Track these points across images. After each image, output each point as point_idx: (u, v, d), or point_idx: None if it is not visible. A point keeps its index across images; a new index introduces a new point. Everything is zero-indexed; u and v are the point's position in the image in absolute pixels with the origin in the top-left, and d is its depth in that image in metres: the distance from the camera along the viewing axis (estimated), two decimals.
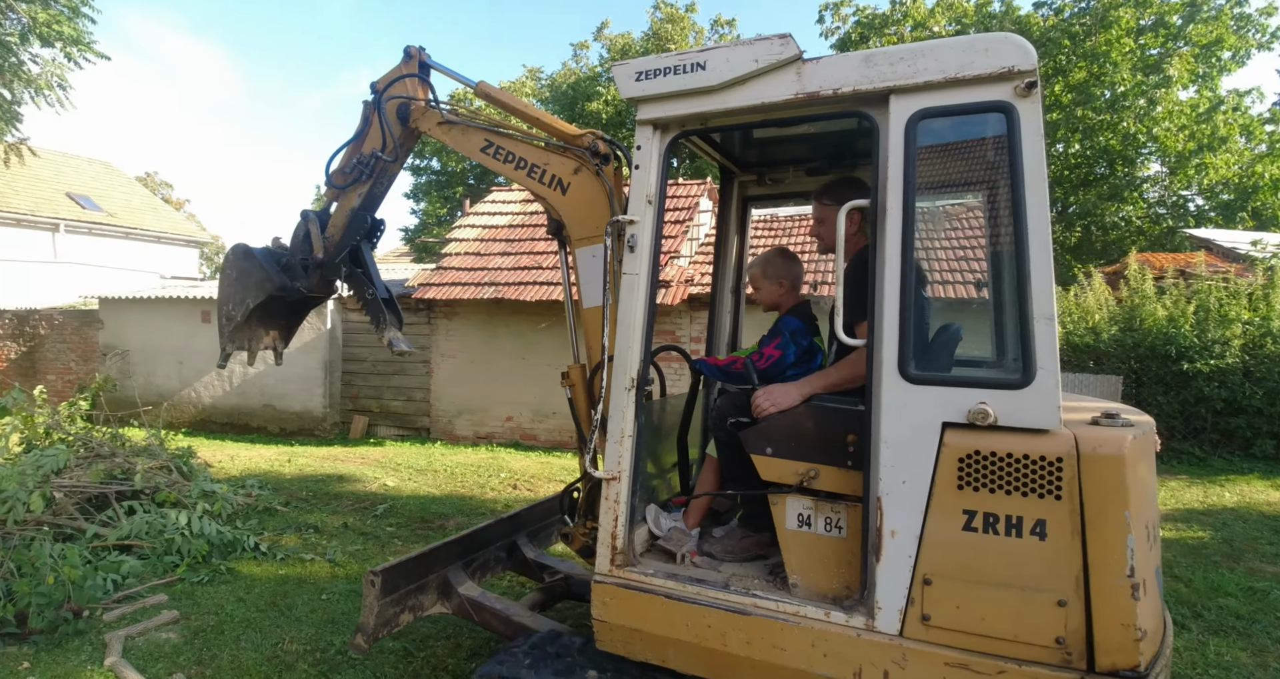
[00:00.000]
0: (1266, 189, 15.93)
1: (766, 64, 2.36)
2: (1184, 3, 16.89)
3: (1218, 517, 6.20)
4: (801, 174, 3.49)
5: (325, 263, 3.69)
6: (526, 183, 3.19)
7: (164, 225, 22.20)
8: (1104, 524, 2.01)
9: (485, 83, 3.39)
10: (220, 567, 5.04)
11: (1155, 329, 8.52)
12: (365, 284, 3.68)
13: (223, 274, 3.93)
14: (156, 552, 5.04)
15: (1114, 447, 2.03)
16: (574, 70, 27.67)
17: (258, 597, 4.58)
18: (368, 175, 3.53)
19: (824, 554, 2.45)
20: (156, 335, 12.13)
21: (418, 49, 3.51)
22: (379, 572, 3.12)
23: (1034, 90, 2.08)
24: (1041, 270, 2.06)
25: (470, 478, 8.07)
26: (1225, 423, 8.16)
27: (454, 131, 3.35)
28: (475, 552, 3.78)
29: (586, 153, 3.01)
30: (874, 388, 2.25)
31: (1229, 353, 8.03)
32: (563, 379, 3.20)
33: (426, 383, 10.96)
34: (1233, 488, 7.13)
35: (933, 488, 2.18)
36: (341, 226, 3.65)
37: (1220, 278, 8.74)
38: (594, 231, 2.97)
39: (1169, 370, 8.32)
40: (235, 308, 3.87)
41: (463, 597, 3.47)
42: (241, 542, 5.38)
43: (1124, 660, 2.00)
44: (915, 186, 2.19)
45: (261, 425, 11.52)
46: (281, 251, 3.82)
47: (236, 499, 6.21)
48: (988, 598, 2.13)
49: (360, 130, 3.58)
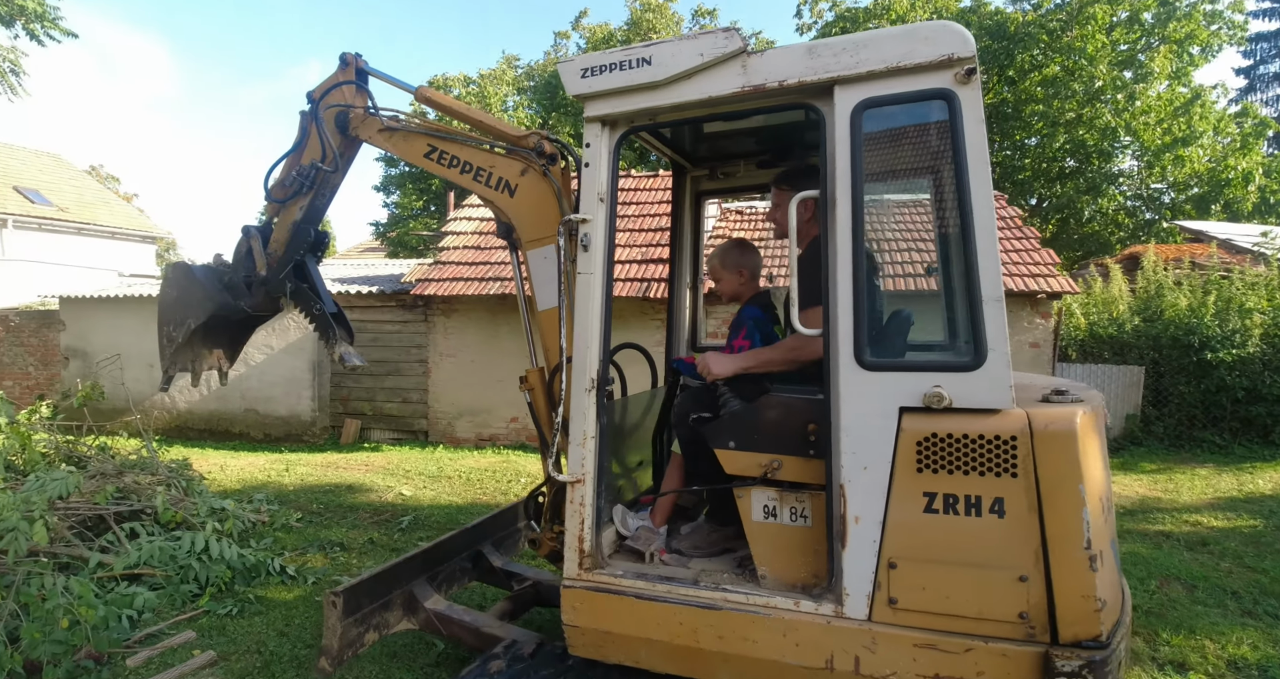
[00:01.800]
0: (1237, 182, 16.69)
1: (712, 58, 2.35)
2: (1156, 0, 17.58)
3: (1261, 504, 6.27)
4: (752, 167, 3.51)
5: (269, 280, 3.58)
6: (473, 187, 3.13)
7: (118, 220, 21.12)
8: (1059, 499, 2.07)
9: (425, 87, 3.33)
10: (247, 595, 4.61)
11: (1177, 319, 8.68)
12: (312, 300, 3.59)
13: (162, 293, 3.78)
14: (172, 581, 4.59)
15: (1065, 423, 2.09)
16: (555, 59, 27.41)
17: (300, 629, 4.18)
18: (308, 187, 3.44)
19: (790, 544, 2.46)
20: (124, 337, 11.47)
21: (354, 56, 3.43)
22: (339, 592, 3.02)
23: (973, 77, 2.11)
24: (988, 253, 2.11)
25: (489, 484, 7.79)
26: (1246, 411, 8.33)
27: (396, 138, 3.28)
28: (440, 564, 3.70)
29: (532, 153, 2.98)
30: (831, 376, 2.27)
31: (1250, 342, 8.22)
32: (521, 383, 3.17)
33: (424, 383, 10.55)
34: (1263, 475, 7.27)
35: (893, 472, 2.20)
36: (284, 241, 3.55)
37: (1238, 270, 9.01)
38: (544, 233, 2.94)
39: (1191, 360, 8.48)
40: (176, 329, 3.74)
41: (429, 611, 3.39)
42: (266, 565, 4.95)
43: (1086, 631, 2.06)
44: (863, 176, 2.21)
45: (243, 431, 11.02)
46: (224, 269, 3.70)
47: (248, 516, 5.81)
48: (951, 578, 2.16)
49: (299, 141, 3.49)
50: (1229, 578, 4.52)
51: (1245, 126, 17.39)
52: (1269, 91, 29.06)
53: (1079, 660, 2.04)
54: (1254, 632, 3.82)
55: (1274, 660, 3.52)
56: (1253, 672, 3.46)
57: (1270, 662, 3.52)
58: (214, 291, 3.59)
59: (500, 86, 24.58)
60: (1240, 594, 4.29)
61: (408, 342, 10.54)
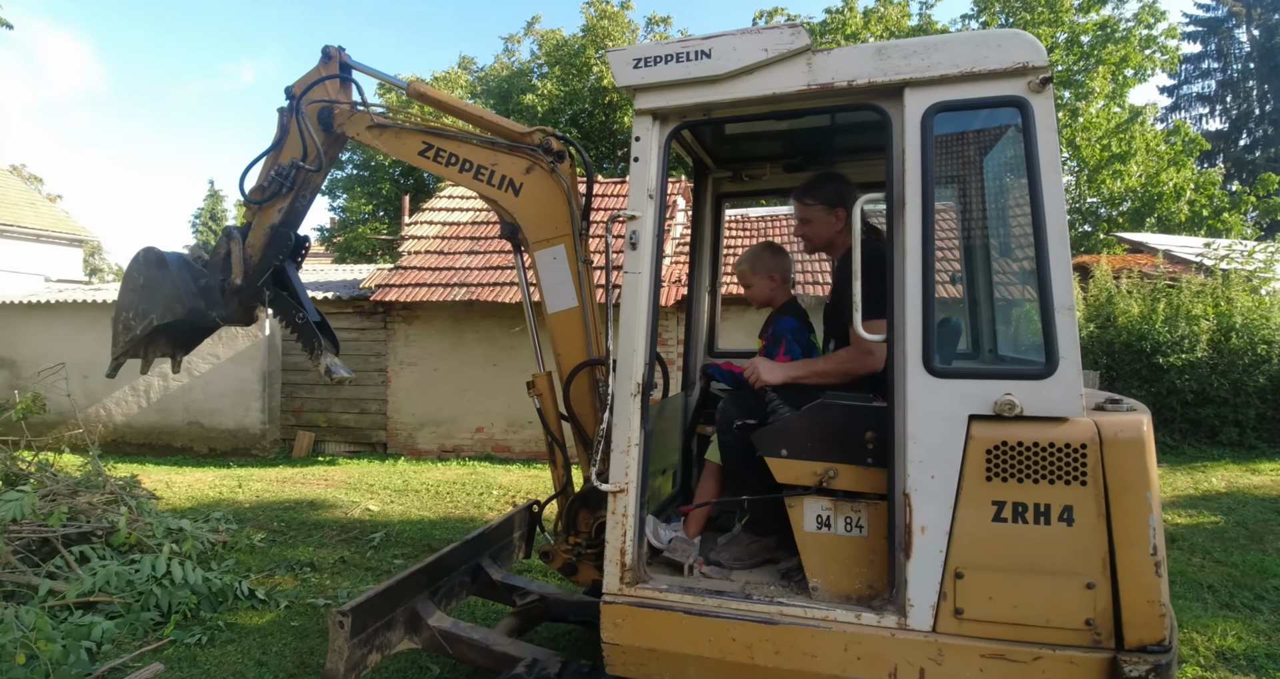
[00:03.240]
0: (1169, 197, 17.79)
1: (776, 53, 2.29)
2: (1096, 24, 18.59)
3: (1219, 502, 6.55)
4: (779, 170, 3.46)
5: (244, 288, 3.36)
6: (474, 186, 3.00)
7: (44, 222, 19.48)
8: (1128, 506, 2.08)
9: (419, 81, 3.20)
10: (216, 621, 4.23)
11: (1129, 325, 9.08)
12: (294, 308, 3.38)
13: (127, 276, 3.49)
14: (132, 608, 4.16)
15: (1134, 431, 2.10)
16: (507, 64, 26.86)
17: (280, 656, 3.86)
18: (288, 188, 3.25)
19: (845, 555, 2.41)
20: (56, 345, 10.55)
21: (337, 49, 3.26)
22: (348, 611, 2.80)
23: (1047, 86, 2.12)
24: (1060, 261, 2.11)
25: (460, 497, 7.47)
26: (1194, 413, 8.72)
27: (386, 136, 3.13)
28: (440, 579, 3.49)
29: (538, 150, 2.87)
30: (897, 383, 2.23)
31: (1198, 347, 8.64)
32: (529, 389, 3.04)
33: (383, 393, 10.06)
34: (1215, 474, 7.61)
35: (961, 481, 2.17)
36: (261, 246, 3.34)
37: (1185, 279, 9.49)
38: (553, 233, 2.85)
39: (1143, 364, 8.86)
40: (136, 319, 3.45)
41: (434, 629, 3.19)
42: (233, 589, 4.55)
43: (1150, 636, 2.07)
44: (934, 179, 2.18)
45: (186, 445, 10.28)
46: (201, 269, 3.43)
47: (206, 536, 5.35)
48: (1019, 586, 2.15)
49: (278, 139, 3.29)
50: (1202, 573, 4.75)
51: (1177, 144, 18.66)
52: (1192, 110, 31.38)
53: (1146, 665, 2.05)
54: (1236, 623, 4.02)
55: (1259, 650, 3.70)
56: (1240, 662, 3.62)
57: (1256, 651, 3.69)
58: (186, 293, 3.33)
59: (454, 89, 24.02)
60: (1216, 588, 4.50)
61: (366, 349, 10.09)
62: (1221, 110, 30.95)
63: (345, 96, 3.24)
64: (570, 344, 2.89)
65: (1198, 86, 31.30)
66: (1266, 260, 10.14)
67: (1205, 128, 29.82)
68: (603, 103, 23.14)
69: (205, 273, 3.42)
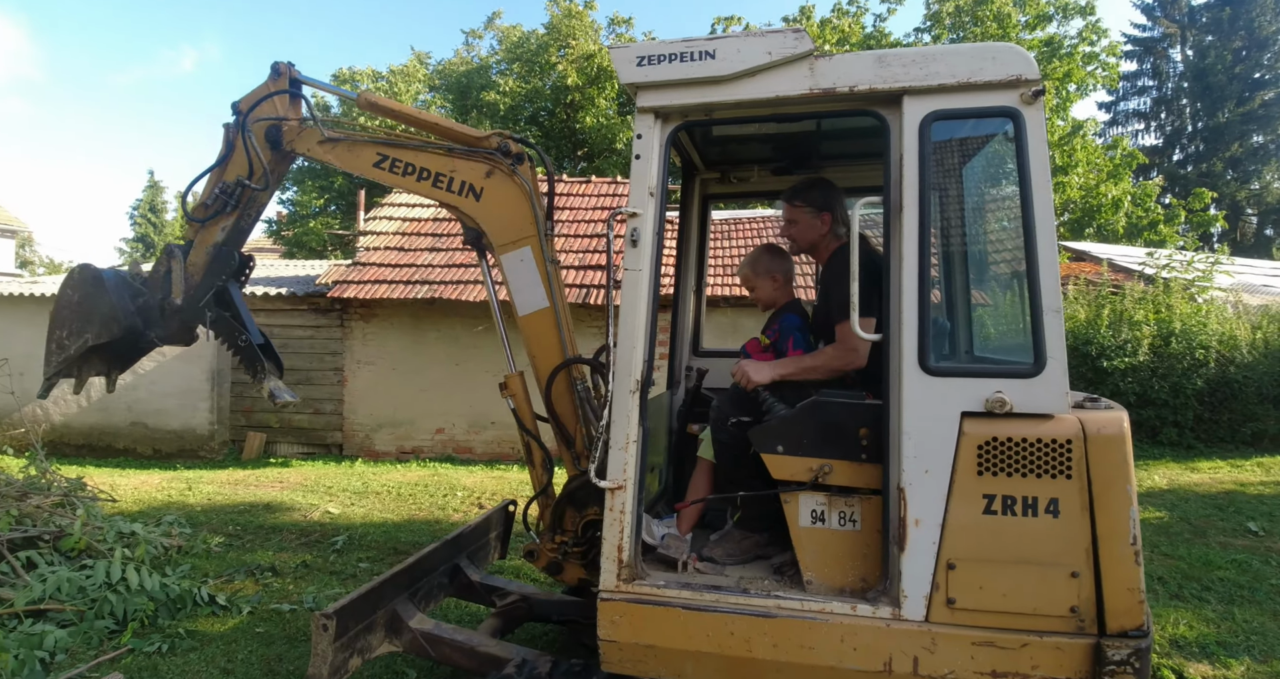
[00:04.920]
0: (1108, 208, 18.59)
1: (780, 57, 2.34)
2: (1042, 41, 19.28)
3: (1162, 498, 6.84)
4: (766, 173, 3.52)
5: (185, 308, 3.28)
6: (433, 194, 2.99)
7: None
8: (1110, 499, 2.18)
9: (369, 92, 3.23)
10: (175, 629, 4.04)
11: (1075, 330, 9.44)
12: (237, 330, 3.32)
13: (61, 294, 3.39)
14: (86, 616, 3.95)
15: (1115, 427, 2.21)
16: (466, 59, 26.41)
17: (246, 664, 3.72)
18: (233, 206, 3.19)
19: (839, 549, 2.46)
20: None
21: (287, 65, 3.23)
22: (332, 613, 2.73)
23: (1039, 98, 2.21)
24: (1048, 265, 2.20)
25: (423, 499, 7.30)
26: (1136, 414, 8.90)
27: (339, 149, 3.10)
28: (419, 581, 3.43)
29: (497, 154, 2.88)
30: (892, 381, 2.30)
31: (1140, 351, 9.05)
32: (502, 390, 3.04)
33: (339, 393, 9.77)
34: (1157, 472, 7.93)
35: (953, 475, 2.25)
36: (203, 265, 3.27)
37: (1128, 286, 9.93)
38: (518, 235, 2.86)
39: (1088, 367, 9.21)
40: (70, 339, 3.35)
41: (415, 631, 3.13)
42: (192, 594, 4.36)
43: (1131, 622, 2.18)
44: (930, 184, 2.26)
45: (129, 447, 9.83)
46: (139, 287, 3.35)
47: (160, 541, 5.11)
48: (1008, 576, 2.23)
49: (223, 155, 3.22)
50: (1151, 565, 4.98)
51: (1116, 158, 19.58)
52: (1129, 126, 32.94)
53: (1127, 649, 2.16)
54: (1186, 612, 4.23)
55: (1210, 637, 3.91)
56: (1193, 649, 3.82)
57: (1207, 639, 3.90)
58: (123, 312, 3.25)
59: (411, 84, 23.59)
60: (1166, 580, 4.74)
61: (321, 348, 9.81)
62: (1156, 126, 32.60)
63: (295, 112, 3.20)
64: (545, 345, 2.90)
65: (1134, 103, 32.92)
66: (1206, 270, 10.73)
67: (1141, 143, 31.38)
68: (564, 102, 23.05)
69: (143, 291, 3.34)
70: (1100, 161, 19.31)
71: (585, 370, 2.91)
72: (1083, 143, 18.91)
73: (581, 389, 2.87)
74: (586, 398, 2.86)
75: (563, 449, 2.94)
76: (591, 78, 22.04)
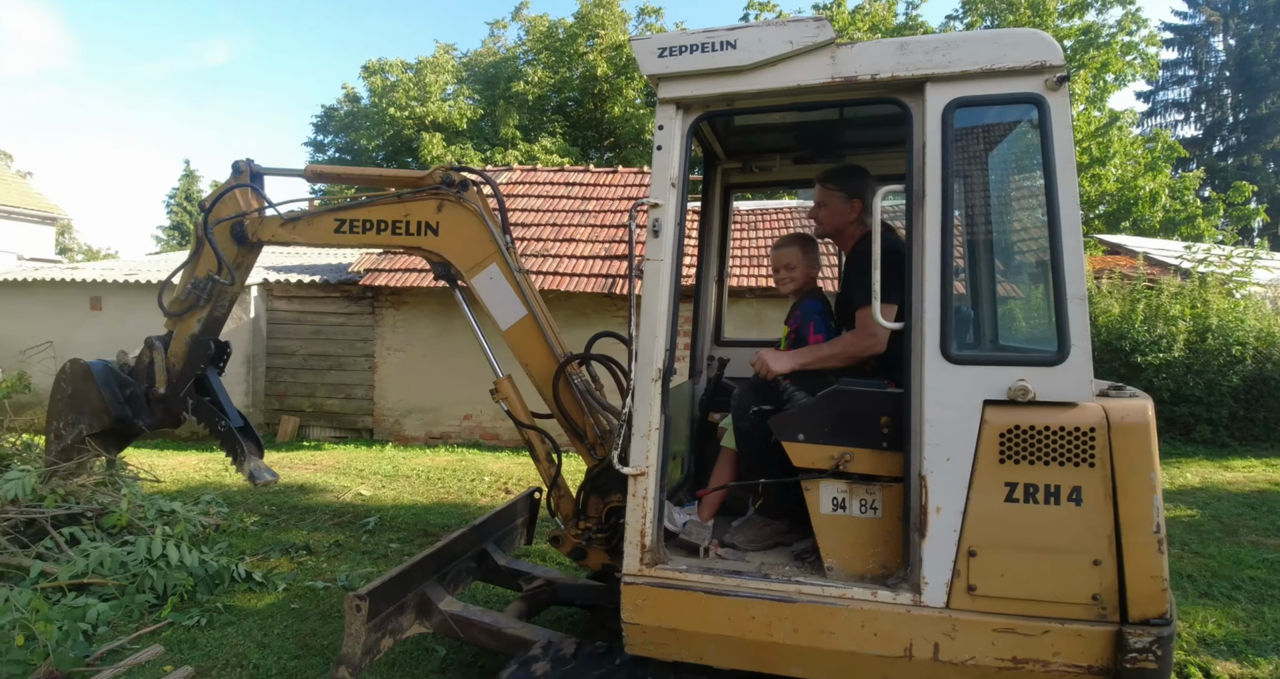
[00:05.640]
0: (1145, 201, 18.15)
1: (801, 46, 2.35)
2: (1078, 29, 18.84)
3: (1193, 496, 6.73)
4: (788, 163, 3.52)
5: (168, 397, 3.50)
6: (395, 241, 3.13)
7: (14, 199, 19.01)
8: (1133, 487, 2.17)
9: (313, 165, 3.37)
10: (213, 604, 4.20)
11: (1109, 325, 9.27)
12: (217, 416, 3.55)
13: (56, 388, 3.67)
14: (127, 590, 4.12)
15: (1139, 415, 2.20)
16: (493, 50, 26.59)
17: (281, 639, 3.86)
18: (205, 300, 3.38)
19: (859, 536, 2.48)
20: (30, 325, 10.34)
21: (246, 162, 3.41)
22: (365, 594, 2.82)
23: (1064, 84, 2.20)
24: (1073, 252, 2.19)
25: (451, 483, 7.46)
26: (1170, 411, 8.88)
27: (300, 226, 3.26)
28: (448, 564, 3.52)
29: (442, 187, 2.99)
30: (914, 369, 2.30)
31: (1175, 347, 8.84)
32: (493, 395, 3.17)
33: (369, 379, 9.99)
34: (1189, 470, 7.79)
35: (975, 463, 2.25)
36: (182, 356, 3.48)
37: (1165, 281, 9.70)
38: (481, 255, 2.98)
39: (1121, 362, 9.01)
40: (67, 429, 3.63)
41: (445, 613, 3.22)
42: (230, 571, 4.53)
43: (1153, 609, 2.17)
44: (953, 172, 2.26)
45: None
46: (126, 377, 3.56)
47: (199, 518, 5.29)
48: (1030, 564, 2.23)
49: (194, 252, 3.41)
50: (1180, 563, 4.91)
51: (1155, 150, 19.06)
52: (1168, 116, 32.03)
53: (1149, 637, 2.15)
54: (1214, 611, 4.17)
55: (1238, 636, 3.86)
56: (1221, 647, 3.77)
57: (1235, 637, 3.84)
58: (113, 402, 3.49)
59: (440, 75, 23.79)
60: (1195, 577, 4.67)
61: (353, 335, 10.02)
62: (1196, 117, 31.66)
63: (256, 203, 3.34)
64: (534, 351, 3.00)
65: (1173, 93, 32.00)
66: (1244, 265, 10.44)
67: (1180, 134, 30.56)
68: (592, 92, 23.07)
69: (130, 382, 3.53)
70: (1138, 153, 18.82)
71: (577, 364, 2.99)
72: (1120, 134, 18.44)
73: (580, 383, 2.95)
74: (587, 390, 2.94)
75: (576, 443, 3.01)
76: (620, 67, 22.03)
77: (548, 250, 9.65)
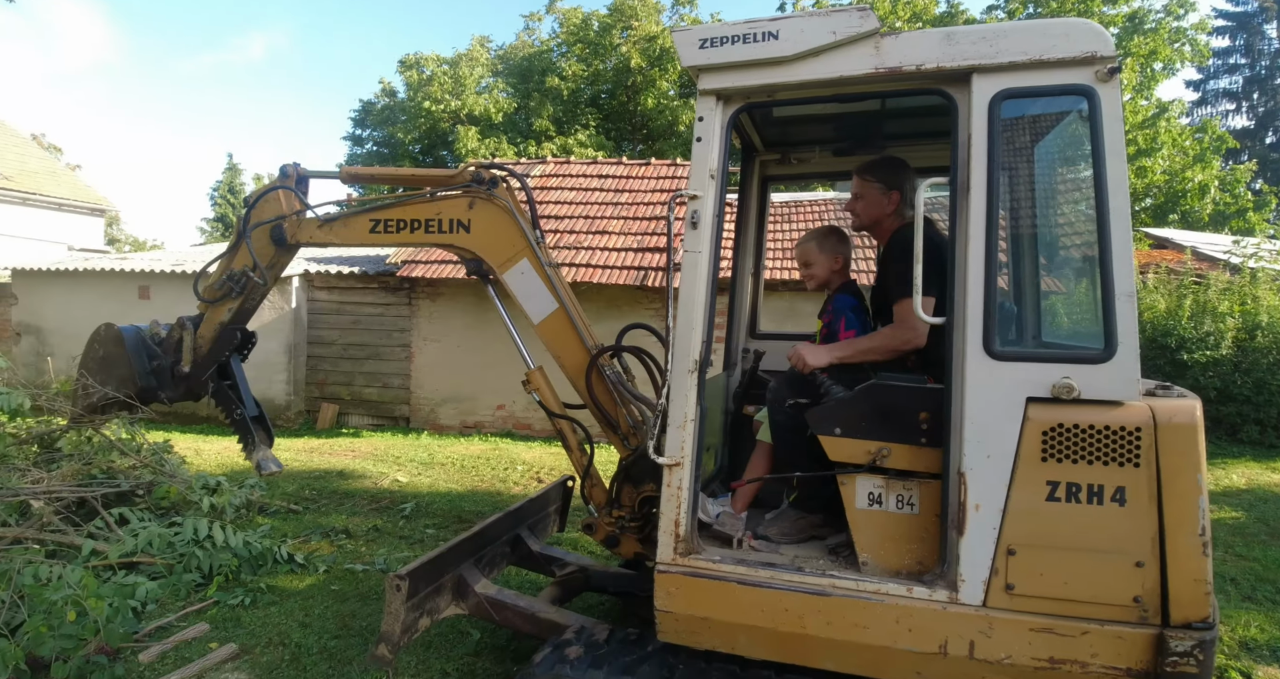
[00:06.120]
0: (1194, 194, 17.57)
1: (845, 36, 2.32)
2: (1125, 15, 18.27)
3: (1239, 498, 6.59)
4: (827, 154, 3.49)
5: (191, 376, 3.59)
6: (428, 240, 3.18)
7: (64, 191, 19.71)
8: (1179, 488, 2.13)
9: (347, 167, 3.42)
10: (257, 584, 4.36)
11: (1154, 321, 9.03)
12: (233, 403, 3.65)
13: (89, 346, 3.82)
14: (175, 570, 4.31)
15: (1187, 416, 2.15)
16: (528, 42, 26.74)
17: (322, 618, 3.99)
18: (238, 292, 3.45)
19: (896, 531, 2.47)
20: (80, 313, 10.70)
21: (293, 165, 3.49)
22: (405, 575, 2.90)
23: (1115, 76, 2.14)
24: (1122, 248, 2.14)
25: (485, 471, 7.62)
26: (1217, 410, 8.65)
27: (336, 227, 3.31)
28: (484, 549, 3.59)
29: (472, 185, 3.03)
30: (955, 365, 2.28)
31: (1223, 345, 8.59)
32: (525, 386, 3.21)
33: (406, 368, 10.19)
34: (1235, 471, 7.61)
35: (1017, 461, 2.23)
36: (210, 339, 3.57)
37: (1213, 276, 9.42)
38: (512, 251, 3.01)
39: (1166, 359, 8.78)
40: (94, 389, 3.74)
41: (480, 596, 3.29)
42: (273, 552, 4.70)
43: (1196, 613, 2.13)
44: (999, 164, 2.22)
45: (211, 414, 10.28)
46: (155, 349, 3.65)
47: (245, 495, 5.52)
48: (1070, 564, 2.20)
49: (234, 245, 3.48)
50: (1224, 566, 4.80)
51: (1204, 141, 18.40)
52: (1219, 106, 30.85)
53: (1191, 641, 2.11)
54: (1258, 615, 4.08)
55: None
56: (1264, 651, 3.69)
57: (1278, 642, 3.75)
58: (140, 372, 3.59)
59: (475, 68, 23.95)
60: (1238, 581, 4.56)
61: (390, 325, 10.21)
62: (1248, 107, 30.46)
63: (296, 205, 3.41)
64: (566, 344, 3.03)
65: (1225, 82, 30.81)
66: None
67: (1231, 125, 29.41)
68: (626, 84, 23.01)
69: (160, 354, 3.63)
70: (1186, 144, 18.18)
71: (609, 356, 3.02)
72: (1167, 124, 17.83)
73: (612, 374, 2.97)
74: (619, 381, 2.97)
75: (609, 433, 3.04)
76: (654, 59, 21.93)
77: (580, 243, 9.69)
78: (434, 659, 3.62)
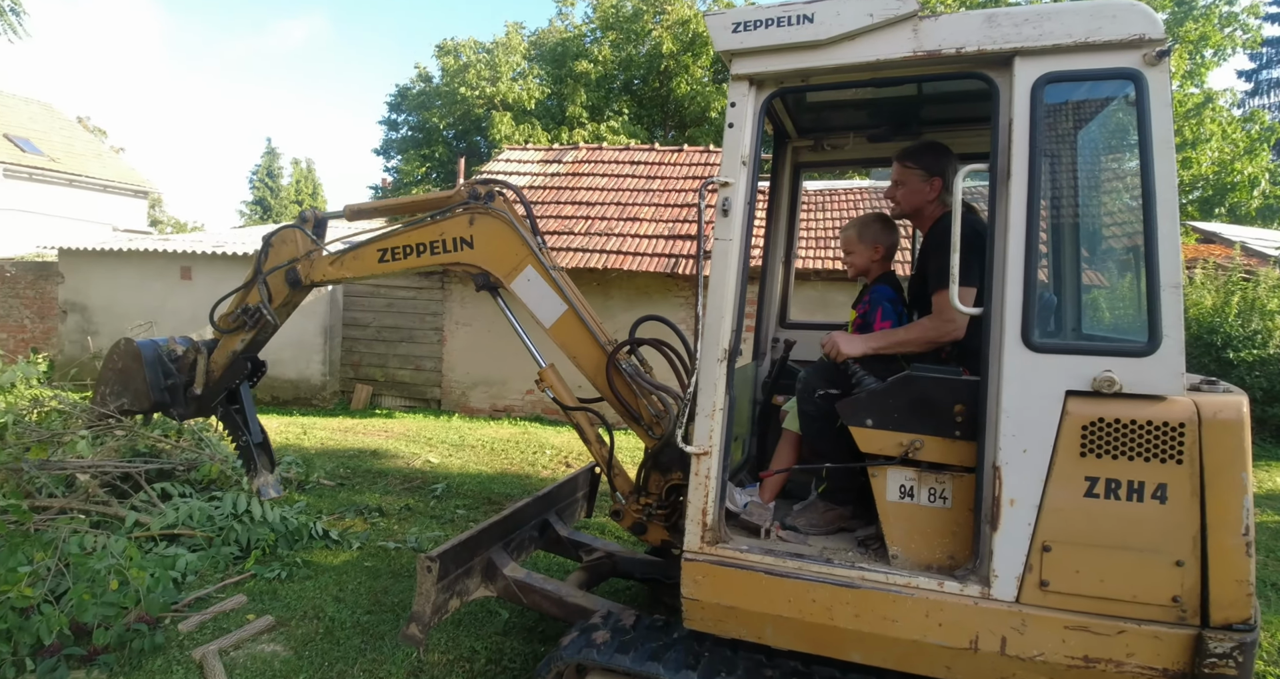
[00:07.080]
0: (1243, 187, 16.88)
1: (882, 19, 2.27)
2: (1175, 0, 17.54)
3: None
4: (862, 140, 3.43)
5: (202, 399, 3.72)
6: (435, 261, 3.23)
7: (109, 173, 20.43)
8: (1223, 486, 2.06)
9: (350, 204, 3.52)
10: (293, 559, 4.51)
11: (1200, 318, 8.76)
12: (239, 429, 3.80)
13: (108, 359, 3.94)
14: (214, 543, 4.48)
15: (1234, 412, 2.08)
16: (560, 28, 26.76)
17: (356, 594, 4.13)
18: (251, 326, 3.57)
19: (927, 525, 2.44)
20: (125, 293, 11.11)
21: (310, 211, 3.60)
22: (436, 556, 2.96)
23: (1164, 59, 2.06)
24: (1169, 238, 2.07)
25: (515, 454, 7.76)
26: (1263, 411, 8.36)
27: (347, 261, 3.39)
28: (513, 532, 3.64)
29: (470, 201, 3.08)
30: (993, 356, 2.23)
31: (1271, 343, 8.32)
32: (539, 385, 3.22)
33: (438, 352, 10.41)
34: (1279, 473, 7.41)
35: (1054, 455, 2.18)
36: (222, 366, 3.69)
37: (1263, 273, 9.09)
38: (516, 260, 3.04)
39: (1212, 358, 8.53)
40: (110, 398, 3.89)
41: (509, 578, 3.34)
42: (309, 528, 4.84)
43: (1236, 615, 2.07)
44: (1042, 150, 2.15)
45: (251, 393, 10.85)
46: (171, 367, 3.76)
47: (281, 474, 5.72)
48: (1107, 561, 2.16)
49: (249, 281, 3.59)
50: (1264, 570, 4.65)
51: (1253, 132, 17.61)
52: (1273, 96, 29.41)
53: (1231, 642, 2.05)
54: None
55: None
56: None
57: None
58: (154, 389, 3.71)
59: (510, 54, 23.97)
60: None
61: (423, 309, 10.37)
62: None
63: (309, 245, 3.49)
64: (580, 345, 3.04)
65: (1278, 71, 29.32)
66: None
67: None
68: (658, 70, 22.82)
69: (174, 372, 3.75)
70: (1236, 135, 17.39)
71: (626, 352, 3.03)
72: (1215, 114, 17.07)
73: (629, 367, 2.98)
74: (637, 374, 2.97)
75: (632, 425, 3.05)
76: (686, 44, 21.69)
77: (612, 229, 9.68)
78: (464, 637, 3.70)
